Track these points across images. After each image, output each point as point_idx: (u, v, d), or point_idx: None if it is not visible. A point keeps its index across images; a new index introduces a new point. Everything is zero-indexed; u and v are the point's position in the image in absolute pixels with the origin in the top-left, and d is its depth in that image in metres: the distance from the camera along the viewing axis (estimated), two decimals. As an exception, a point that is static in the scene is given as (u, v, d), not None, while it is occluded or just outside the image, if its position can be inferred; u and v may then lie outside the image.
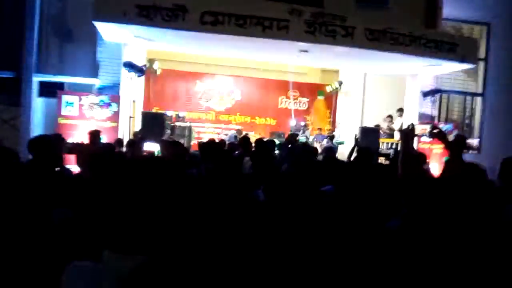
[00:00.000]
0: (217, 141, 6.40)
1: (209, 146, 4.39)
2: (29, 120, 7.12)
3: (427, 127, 7.24)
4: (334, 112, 12.59)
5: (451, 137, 6.58)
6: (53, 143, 3.16)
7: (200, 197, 2.42)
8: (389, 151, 5.36)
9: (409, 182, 2.29)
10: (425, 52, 7.41)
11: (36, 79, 7.38)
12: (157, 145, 4.54)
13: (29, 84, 7.15)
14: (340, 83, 11.66)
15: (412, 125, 3.03)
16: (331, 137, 10.54)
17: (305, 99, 13.42)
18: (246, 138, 5.90)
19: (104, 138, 6.04)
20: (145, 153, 4.66)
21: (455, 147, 2.86)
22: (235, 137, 11.03)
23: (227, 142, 8.57)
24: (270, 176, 2.32)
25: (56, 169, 3.10)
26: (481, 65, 9.72)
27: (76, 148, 4.29)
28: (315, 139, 11.29)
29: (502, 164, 2.57)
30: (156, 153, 4.46)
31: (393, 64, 8.58)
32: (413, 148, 2.78)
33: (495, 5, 9.46)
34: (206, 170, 3.61)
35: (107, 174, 2.84)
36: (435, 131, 2.94)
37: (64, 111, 7.15)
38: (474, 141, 8.05)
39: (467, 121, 9.99)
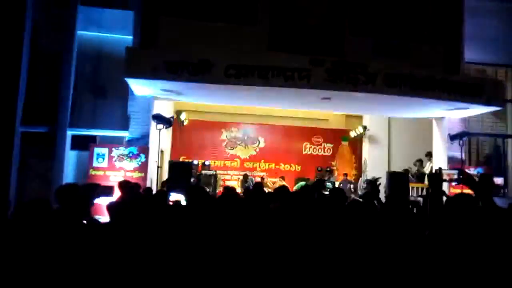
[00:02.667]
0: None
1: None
2: (61, 173, 7.40)
3: (455, 172, 7.04)
4: (360, 157, 12.48)
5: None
6: (80, 192, 3.20)
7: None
8: (418, 199, 5.18)
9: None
10: (448, 96, 7.39)
11: (70, 133, 7.76)
12: (182, 195, 4.57)
13: (63, 139, 7.51)
14: (365, 128, 11.66)
15: (440, 169, 2.98)
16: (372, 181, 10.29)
17: (329, 145, 13.42)
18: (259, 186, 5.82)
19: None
20: (171, 203, 4.69)
21: (481, 188, 2.76)
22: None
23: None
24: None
25: (84, 219, 3.12)
26: (510, 106, 9.56)
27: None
28: (341, 184, 11.14)
29: None
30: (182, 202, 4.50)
31: (417, 109, 8.55)
32: (442, 192, 2.71)
33: (517, 47, 9.44)
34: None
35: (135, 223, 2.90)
36: (461, 176, 2.88)
37: (95, 163, 7.41)
38: (498, 180, 7.72)
39: (499, 164, 9.65)
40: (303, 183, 11.22)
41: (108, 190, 4.18)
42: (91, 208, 3.35)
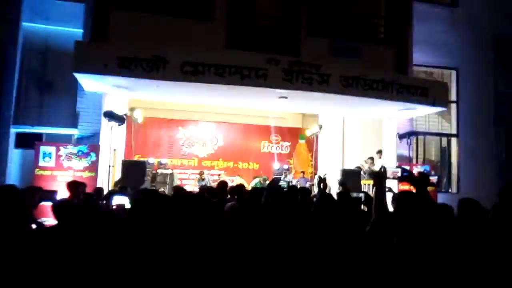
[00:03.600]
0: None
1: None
2: (4, 172, 6.97)
3: (398, 171, 7.36)
4: (316, 155, 12.74)
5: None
6: (19, 195, 3.01)
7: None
8: (360, 195, 5.38)
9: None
10: (397, 96, 7.72)
11: (14, 130, 7.32)
12: (127, 198, 4.36)
13: (6, 137, 7.07)
14: (320, 127, 11.91)
15: (384, 168, 3.11)
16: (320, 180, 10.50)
17: (286, 143, 13.60)
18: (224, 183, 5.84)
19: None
20: (114, 207, 4.46)
21: (419, 185, 2.95)
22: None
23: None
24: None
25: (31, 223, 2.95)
26: (454, 107, 10.14)
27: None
28: (298, 182, 11.33)
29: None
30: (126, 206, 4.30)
31: (369, 108, 8.86)
32: (385, 190, 2.83)
33: (462, 51, 10.05)
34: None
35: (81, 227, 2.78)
36: (404, 174, 3.03)
37: (42, 162, 7.04)
38: (433, 178, 8.24)
39: (444, 162, 10.23)
40: (258, 180, 11.33)
41: (50, 195, 3.96)
42: (32, 212, 3.17)
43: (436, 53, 9.78)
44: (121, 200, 4.28)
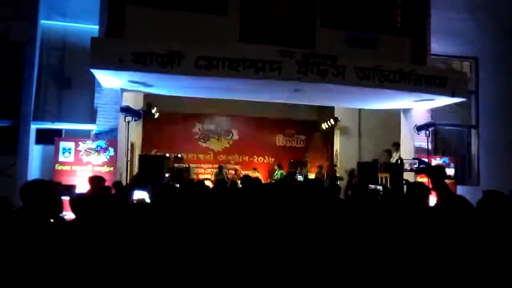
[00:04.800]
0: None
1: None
2: (26, 168, 7.13)
3: (415, 162, 7.23)
4: (332, 149, 12.66)
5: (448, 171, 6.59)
6: (48, 189, 3.05)
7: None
8: (378, 188, 5.30)
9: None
10: (415, 87, 7.56)
11: (34, 127, 7.47)
12: (146, 192, 4.41)
13: (27, 133, 7.22)
14: (336, 120, 11.82)
15: (401, 159, 3.06)
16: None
17: (302, 137, 13.56)
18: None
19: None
20: (135, 201, 4.52)
21: (435, 178, 2.89)
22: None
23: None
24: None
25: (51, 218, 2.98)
26: (473, 97, 9.89)
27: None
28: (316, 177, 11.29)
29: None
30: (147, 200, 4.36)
31: (385, 100, 8.72)
32: (402, 182, 2.80)
33: (481, 40, 9.76)
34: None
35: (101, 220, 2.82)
36: (421, 166, 2.98)
37: (61, 157, 7.18)
38: (450, 171, 8.08)
39: (464, 153, 10.01)
40: (280, 172, 11.30)
41: (68, 190, 4.02)
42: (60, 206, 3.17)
43: (455, 42, 9.53)
44: (141, 195, 4.34)
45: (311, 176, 11.50)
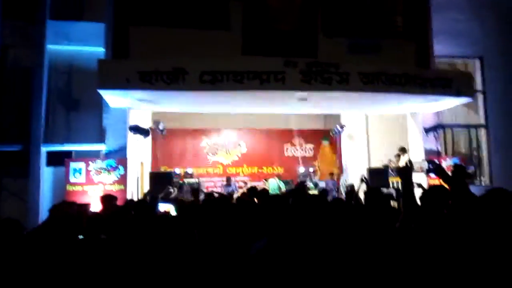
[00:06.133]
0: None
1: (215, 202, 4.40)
2: (37, 190, 7.23)
3: (425, 164, 7.18)
4: (340, 156, 12.60)
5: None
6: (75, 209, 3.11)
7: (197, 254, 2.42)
8: (390, 191, 5.27)
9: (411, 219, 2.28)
10: (420, 90, 7.54)
11: (44, 149, 7.59)
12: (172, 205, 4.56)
13: (37, 156, 7.35)
14: (343, 127, 11.78)
15: (410, 162, 3.05)
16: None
17: (310, 145, 13.52)
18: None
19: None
20: (160, 213, 4.64)
21: (456, 178, 2.84)
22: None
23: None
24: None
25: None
26: (480, 97, 9.82)
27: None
28: (326, 183, 11.22)
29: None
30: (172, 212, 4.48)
31: (391, 104, 8.71)
32: (412, 184, 2.77)
33: (485, 39, 9.73)
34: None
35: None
36: (431, 166, 2.95)
37: (72, 178, 7.26)
38: (470, 169, 7.97)
39: (474, 153, 9.90)
40: (275, 184, 11.20)
41: (83, 208, 4.10)
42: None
43: (458, 43, 9.52)
44: (167, 207, 4.42)
45: (322, 184, 11.43)
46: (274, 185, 10.97)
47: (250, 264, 2.11)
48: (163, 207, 4.80)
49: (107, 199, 5.10)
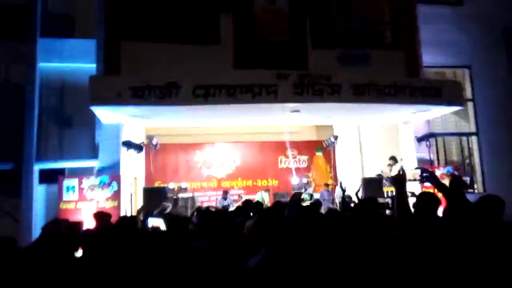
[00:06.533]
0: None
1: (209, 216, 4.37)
2: (30, 209, 7.15)
3: (418, 172, 7.21)
4: (335, 167, 12.63)
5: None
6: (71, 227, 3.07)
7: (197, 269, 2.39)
8: (386, 200, 5.30)
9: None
10: (411, 99, 7.64)
11: (37, 167, 7.53)
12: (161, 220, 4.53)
13: (30, 174, 7.28)
14: (336, 138, 11.85)
15: (403, 170, 3.06)
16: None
17: (304, 157, 13.54)
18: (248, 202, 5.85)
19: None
20: (151, 229, 4.61)
21: (453, 188, 2.86)
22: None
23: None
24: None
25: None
26: (470, 105, 9.96)
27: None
28: (321, 195, 11.21)
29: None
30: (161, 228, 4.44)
31: (383, 114, 8.79)
32: (406, 193, 2.78)
33: (473, 49, 9.93)
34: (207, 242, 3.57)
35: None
36: (424, 174, 2.97)
37: (65, 195, 7.19)
38: (465, 179, 8.03)
39: (467, 161, 9.99)
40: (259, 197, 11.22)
41: (75, 226, 4.06)
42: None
43: (447, 53, 9.70)
44: (157, 223, 4.39)
45: (316, 195, 11.42)
46: (258, 198, 11.00)
47: (247, 278, 2.09)
48: (152, 222, 4.76)
49: (100, 216, 5.05)
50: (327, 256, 2.54)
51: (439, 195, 2.87)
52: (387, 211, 6.76)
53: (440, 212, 2.92)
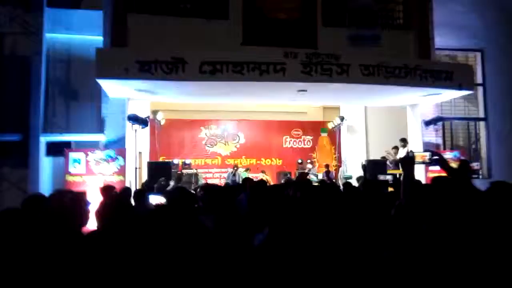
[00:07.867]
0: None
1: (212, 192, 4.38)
2: (37, 181, 7.19)
3: (427, 154, 7.18)
4: (339, 148, 12.62)
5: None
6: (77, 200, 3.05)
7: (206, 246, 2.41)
8: (387, 178, 5.31)
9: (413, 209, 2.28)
10: (421, 82, 7.53)
11: (43, 139, 7.54)
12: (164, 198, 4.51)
13: (37, 145, 7.29)
14: (342, 119, 11.78)
15: (412, 152, 3.05)
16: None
17: (308, 137, 13.52)
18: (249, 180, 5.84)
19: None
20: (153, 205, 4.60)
21: (461, 172, 2.84)
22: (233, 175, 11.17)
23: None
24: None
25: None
26: (480, 90, 9.81)
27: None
28: (324, 176, 11.23)
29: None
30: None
31: (391, 96, 8.68)
32: (414, 175, 2.76)
33: (487, 32, 9.68)
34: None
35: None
36: (434, 157, 2.95)
37: (72, 168, 7.24)
38: (474, 165, 7.99)
39: (473, 146, 9.92)
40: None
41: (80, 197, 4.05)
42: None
43: (459, 35, 9.47)
44: (159, 200, 4.39)
45: (320, 175, 11.45)
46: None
47: (254, 256, 2.11)
48: (154, 199, 4.75)
49: (107, 190, 5.10)
50: (331, 236, 2.54)
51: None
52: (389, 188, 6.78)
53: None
